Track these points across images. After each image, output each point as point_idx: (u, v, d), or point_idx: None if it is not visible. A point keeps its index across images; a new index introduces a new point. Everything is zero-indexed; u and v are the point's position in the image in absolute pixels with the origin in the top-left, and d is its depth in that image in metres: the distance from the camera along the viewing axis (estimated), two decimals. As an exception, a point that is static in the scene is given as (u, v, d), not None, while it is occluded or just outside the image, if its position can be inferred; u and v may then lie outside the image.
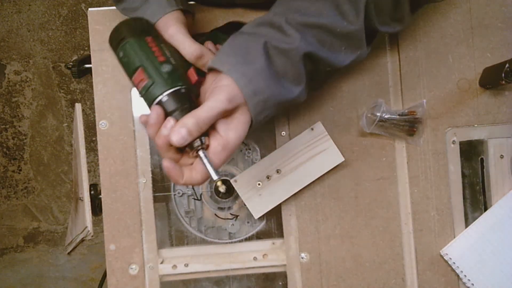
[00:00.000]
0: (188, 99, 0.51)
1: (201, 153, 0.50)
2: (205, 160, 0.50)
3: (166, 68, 0.52)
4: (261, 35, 0.54)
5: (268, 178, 0.72)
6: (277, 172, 0.72)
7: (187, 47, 0.56)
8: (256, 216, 0.72)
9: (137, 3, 0.60)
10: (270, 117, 0.55)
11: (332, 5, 0.54)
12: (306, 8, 0.54)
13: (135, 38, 0.54)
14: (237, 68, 0.51)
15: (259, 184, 0.72)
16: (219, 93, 0.49)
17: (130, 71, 0.53)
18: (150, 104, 0.51)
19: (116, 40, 0.54)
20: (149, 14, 0.58)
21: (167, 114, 0.50)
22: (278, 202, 0.72)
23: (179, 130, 0.47)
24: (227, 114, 0.51)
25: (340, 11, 0.54)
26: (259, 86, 0.51)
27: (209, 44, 0.61)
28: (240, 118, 0.51)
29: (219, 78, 0.51)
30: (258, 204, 0.72)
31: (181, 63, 0.54)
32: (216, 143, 0.50)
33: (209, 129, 0.51)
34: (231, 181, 0.72)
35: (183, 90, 0.51)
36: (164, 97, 0.50)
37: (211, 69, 0.54)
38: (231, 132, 0.51)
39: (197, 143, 0.49)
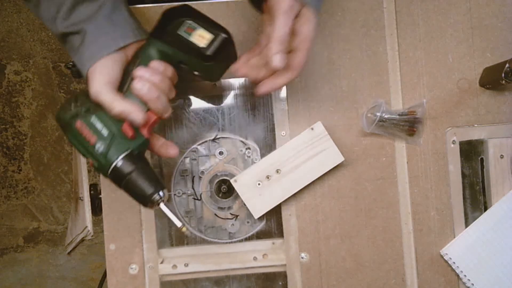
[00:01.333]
0: (134, 159, 0.55)
1: (162, 206, 0.57)
2: (166, 211, 0.57)
3: (100, 148, 0.55)
4: None
5: (268, 178, 0.72)
6: (277, 172, 0.72)
7: (106, 107, 0.55)
8: (256, 216, 0.72)
9: (77, 42, 0.57)
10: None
11: None
12: None
13: (68, 130, 0.56)
14: None
15: (259, 184, 0.72)
16: (279, 7, 0.54)
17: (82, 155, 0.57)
18: (106, 178, 0.56)
19: (60, 124, 0.58)
20: (85, 59, 0.56)
21: (119, 182, 0.55)
22: (278, 202, 0.72)
23: (277, 57, 0.54)
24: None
25: None
26: None
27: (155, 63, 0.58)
28: (307, 12, 0.56)
29: (303, 9, 0.56)
30: (258, 204, 0.72)
31: (115, 126, 0.55)
32: (299, 41, 0.57)
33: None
34: (231, 181, 0.72)
35: (120, 162, 0.54)
36: (109, 175, 0.55)
37: None
38: (305, 26, 0.56)
39: (157, 197, 0.55)
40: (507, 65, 0.67)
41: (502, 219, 0.74)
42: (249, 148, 0.75)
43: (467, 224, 0.75)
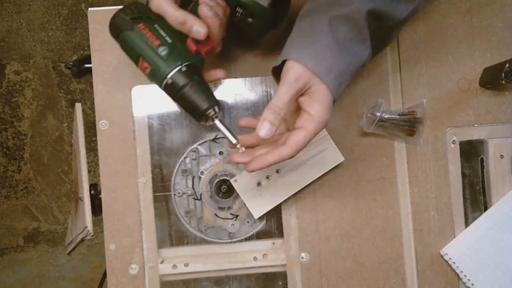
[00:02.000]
0: (193, 72, 0.55)
1: (216, 121, 0.56)
2: (221, 127, 0.56)
3: (163, 51, 0.55)
4: (322, 12, 0.55)
5: (268, 178, 0.72)
6: (277, 172, 0.72)
7: (169, 16, 0.56)
8: (256, 216, 0.72)
9: None
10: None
11: None
12: None
13: (128, 29, 0.56)
14: (304, 52, 0.53)
15: (259, 184, 0.72)
16: (285, 77, 0.53)
17: (133, 61, 0.57)
18: (160, 87, 0.56)
19: (114, 34, 0.57)
20: None
21: (176, 91, 0.55)
22: (278, 202, 0.72)
23: (263, 124, 0.52)
24: (303, 93, 0.54)
25: None
26: (330, 62, 0.53)
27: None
28: (319, 92, 0.53)
29: (286, 65, 0.54)
30: (258, 204, 0.72)
31: (178, 38, 0.56)
32: (304, 120, 0.54)
33: (297, 111, 0.55)
34: (231, 181, 0.72)
35: (184, 68, 0.55)
36: (168, 79, 0.54)
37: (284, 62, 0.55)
38: (316, 104, 0.53)
39: (211, 112, 0.55)
40: (507, 65, 0.67)
41: (502, 219, 0.74)
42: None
43: (467, 224, 0.75)
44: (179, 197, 0.75)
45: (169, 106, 0.74)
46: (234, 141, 0.56)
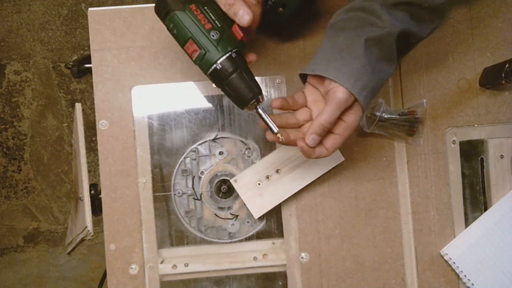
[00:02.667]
0: (241, 59, 0.55)
1: (260, 110, 0.57)
2: (264, 115, 0.57)
3: (214, 35, 0.54)
4: (357, 31, 0.58)
5: (268, 178, 0.72)
6: (277, 172, 0.72)
7: None
8: (256, 216, 0.72)
9: None
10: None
11: None
12: None
13: (181, 8, 0.54)
14: (342, 72, 0.57)
15: (259, 184, 0.72)
16: (334, 98, 0.57)
17: (181, 42, 0.55)
18: (206, 72, 0.55)
19: (163, 12, 0.55)
20: None
21: (223, 78, 0.54)
22: (277, 202, 0.72)
23: (312, 137, 0.57)
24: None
25: None
26: (364, 82, 0.57)
27: None
28: (355, 110, 0.59)
29: (329, 84, 0.58)
30: (258, 204, 0.72)
31: (225, 23, 0.55)
32: (341, 127, 0.60)
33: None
34: (231, 181, 0.72)
35: (234, 55, 0.54)
36: (218, 65, 0.54)
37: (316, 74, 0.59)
38: (352, 115, 0.59)
39: (255, 101, 0.56)
40: (507, 65, 0.67)
41: (502, 219, 0.74)
42: (249, 148, 0.75)
43: (467, 224, 0.75)
44: (179, 197, 0.75)
45: (169, 106, 0.74)
46: (275, 130, 0.57)
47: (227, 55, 0.54)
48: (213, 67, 0.54)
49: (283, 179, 0.72)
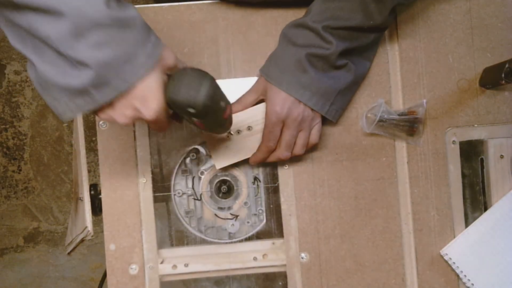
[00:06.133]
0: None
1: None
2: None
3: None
4: (302, 46, 0.65)
5: (238, 132, 0.71)
6: (248, 129, 0.71)
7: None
8: (218, 166, 0.72)
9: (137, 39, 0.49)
10: (343, 106, 0.72)
11: (360, 8, 0.63)
12: (337, 15, 0.64)
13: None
14: (293, 84, 0.66)
15: (227, 136, 0.71)
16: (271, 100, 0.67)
17: (222, 113, 0.57)
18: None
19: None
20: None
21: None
22: (242, 157, 0.71)
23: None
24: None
25: (366, 12, 0.63)
26: (313, 91, 0.66)
27: None
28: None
29: (281, 94, 0.66)
30: (223, 155, 0.71)
31: None
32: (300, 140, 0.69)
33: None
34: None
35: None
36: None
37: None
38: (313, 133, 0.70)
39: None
40: (507, 65, 0.67)
41: (502, 219, 0.74)
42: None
43: (467, 224, 0.75)
44: (179, 197, 0.75)
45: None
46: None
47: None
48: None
49: (253, 137, 0.71)
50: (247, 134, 0.71)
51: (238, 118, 0.71)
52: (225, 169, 0.75)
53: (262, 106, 0.70)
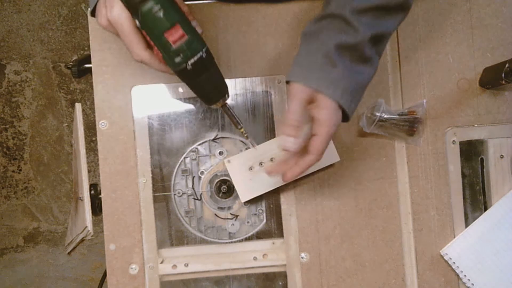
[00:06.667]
0: (212, 56, 0.55)
1: (227, 104, 0.60)
2: (231, 110, 0.61)
3: (196, 27, 0.54)
4: (327, 37, 0.59)
5: (261, 164, 0.72)
6: (271, 160, 0.72)
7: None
8: (243, 199, 0.72)
9: None
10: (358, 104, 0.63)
11: None
12: None
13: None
14: (323, 81, 0.58)
15: (251, 169, 0.72)
16: (292, 91, 0.59)
17: (164, 27, 0.50)
18: (187, 61, 0.52)
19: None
20: None
21: (203, 69, 0.53)
22: (267, 190, 0.72)
23: (288, 139, 0.58)
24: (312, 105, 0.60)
25: None
26: (344, 88, 0.58)
27: None
28: (321, 98, 0.59)
29: (316, 94, 0.58)
30: (247, 188, 0.72)
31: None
32: (316, 126, 0.59)
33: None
34: (225, 161, 0.72)
35: (208, 49, 0.54)
36: (203, 53, 0.52)
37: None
38: (323, 110, 0.59)
39: (225, 96, 0.58)
40: (507, 65, 0.67)
41: (502, 219, 0.74)
42: (249, 148, 0.75)
43: (467, 224, 0.75)
44: (179, 197, 0.75)
45: (169, 106, 0.74)
46: (240, 125, 0.62)
47: (206, 47, 0.53)
48: (197, 56, 0.52)
49: None
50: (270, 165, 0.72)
51: (261, 150, 0.72)
52: (224, 167, 0.75)
53: (283, 137, 0.71)
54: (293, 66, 0.61)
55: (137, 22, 0.52)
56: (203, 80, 0.54)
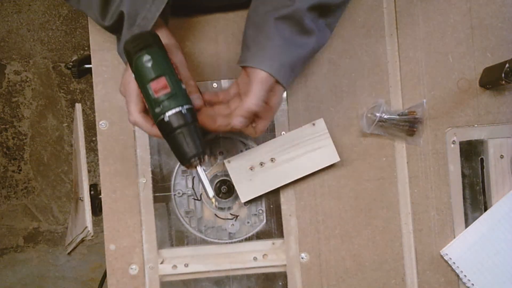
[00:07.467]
0: (195, 116, 0.56)
1: (199, 169, 0.57)
2: (202, 175, 0.58)
3: (183, 85, 0.55)
4: (266, 12, 0.60)
5: (261, 165, 0.72)
6: (271, 160, 0.72)
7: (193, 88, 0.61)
8: (243, 199, 0.72)
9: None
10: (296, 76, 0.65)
11: None
12: None
13: (162, 48, 0.55)
14: (259, 56, 0.60)
15: (251, 169, 0.72)
16: (255, 82, 0.59)
17: (149, 77, 0.54)
18: (164, 113, 0.54)
19: (142, 43, 0.55)
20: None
21: (180, 125, 0.54)
22: (267, 190, 0.72)
23: (239, 119, 0.59)
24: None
25: None
26: (282, 60, 0.60)
27: None
28: (277, 88, 0.61)
29: (251, 70, 0.60)
30: (247, 188, 0.72)
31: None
32: (265, 111, 0.62)
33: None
34: (225, 162, 0.72)
35: (191, 109, 0.56)
36: (183, 108, 0.54)
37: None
38: (273, 97, 0.62)
39: (196, 161, 0.56)
40: (507, 65, 0.67)
41: (502, 219, 0.74)
42: (248, 147, 0.75)
43: (467, 224, 0.75)
44: (179, 197, 0.75)
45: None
46: (211, 194, 0.59)
47: (190, 106, 0.55)
48: (176, 110, 0.54)
49: (275, 168, 0.72)
50: (271, 166, 0.72)
51: (262, 150, 0.72)
52: (224, 168, 0.75)
53: (283, 137, 0.72)
54: (242, 50, 0.63)
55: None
56: (178, 136, 0.54)
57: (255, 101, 0.59)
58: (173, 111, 0.54)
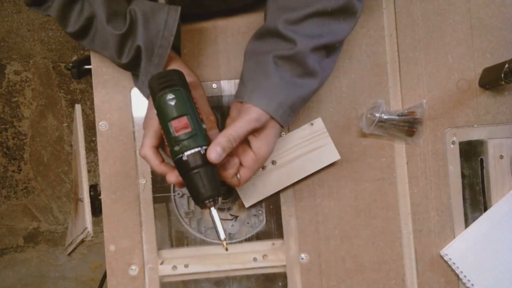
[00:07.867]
0: (205, 158, 0.56)
1: (213, 211, 0.57)
2: (215, 217, 0.57)
3: (204, 126, 0.56)
4: (266, 51, 0.58)
5: (262, 168, 0.72)
6: (272, 163, 0.72)
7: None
8: (247, 204, 0.72)
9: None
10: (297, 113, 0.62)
11: None
12: (293, 6, 0.56)
13: (186, 87, 0.56)
14: (256, 94, 0.57)
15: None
16: (247, 114, 0.56)
17: (171, 115, 0.55)
18: (183, 152, 0.54)
19: (167, 82, 0.56)
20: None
21: (198, 165, 0.54)
22: (270, 193, 0.72)
23: (215, 148, 0.54)
24: (256, 131, 0.58)
25: None
26: (280, 99, 0.57)
27: None
28: (270, 132, 0.58)
29: (244, 105, 0.58)
30: (250, 192, 0.72)
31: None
32: (248, 158, 0.59)
33: (243, 145, 0.59)
34: None
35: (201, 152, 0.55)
36: (202, 149, 0.55)
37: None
38: (263, 147, 0.59)
39: (210, 203, 0.56)
40: (506, 65, 0.67)
41: (502, 219, 0.74)
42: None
43: (467, 224, 0.75)
44: (179, 198, 0.75)
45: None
46: (222, 237, 0.57)
47: (208, 145, 0.55)
48: (195, 150, 0.54)
49: (277, 170, 0.72)
50: (272, 169, 0.72)
51: None
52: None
53: (283, 139, 0.72)
54: (239, 85, 0.61)
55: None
56: (195, 176, 0.55)
57: (235, 131, 0.55)
58: (192, 151, 0.54)
